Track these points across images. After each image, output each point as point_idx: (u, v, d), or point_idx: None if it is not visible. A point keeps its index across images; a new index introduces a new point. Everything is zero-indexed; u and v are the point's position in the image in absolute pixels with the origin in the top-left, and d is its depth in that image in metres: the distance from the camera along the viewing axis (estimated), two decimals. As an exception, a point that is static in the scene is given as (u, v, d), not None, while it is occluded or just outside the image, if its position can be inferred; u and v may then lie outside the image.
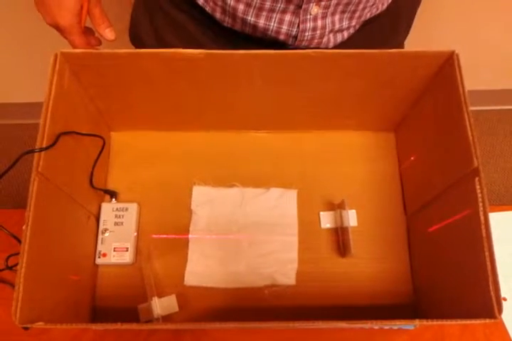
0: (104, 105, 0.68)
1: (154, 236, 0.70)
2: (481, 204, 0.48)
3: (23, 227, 0.48)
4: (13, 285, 0.46)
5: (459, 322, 0.46)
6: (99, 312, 0.66)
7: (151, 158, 0.75)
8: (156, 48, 0.71)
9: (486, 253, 0.47)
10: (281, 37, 0.63)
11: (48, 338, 0.66)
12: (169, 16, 0.71)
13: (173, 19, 0.71)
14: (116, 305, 0.66)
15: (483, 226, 0.48)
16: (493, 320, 0.45)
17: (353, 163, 0.75)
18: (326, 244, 0.70)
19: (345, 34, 0.67)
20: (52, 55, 0.54)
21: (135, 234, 0.68)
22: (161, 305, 0.63)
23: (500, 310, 0.45)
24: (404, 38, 0.80)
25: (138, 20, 0.78)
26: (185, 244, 0.69)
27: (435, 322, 0.47)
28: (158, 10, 0.72)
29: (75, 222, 0.63)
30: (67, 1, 0.58)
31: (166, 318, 0.63)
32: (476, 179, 0.49)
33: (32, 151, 0.50)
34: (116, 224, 0.68)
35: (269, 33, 0.63)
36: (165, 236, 0.70)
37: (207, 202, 0.72)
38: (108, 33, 0.62)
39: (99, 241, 0.67)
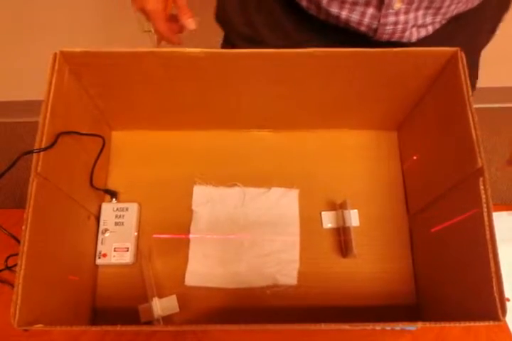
0: (105, 104, 0.67)
1: (155, 236, 0.69)
2: (485, 205, 0.48)
3: (22, 228, 0.48)
4: (13, 286, 0.46)
5: (462, 324, 0.46)
6: (99, 313, 0.65)
7: (151, 158, 0.74)
8: (242, 32, 0.74)
9: (490, 255, 0.47)
10: (363, 28, 0.63)
11: (48, 338, 0.65)
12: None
13: (261, 2, 0.71)
14: (117, 305, 0.65)
15: (487, 228, 0.47)
16: (496, 323, 0.45)
17: (355, 163, 0.74)
18: (327, 244, 0.70)
19: (430, 29, 0.65)
20: (52, 54, 0.53)
21: (135, 234, 0.68)
22: (162, 305, 0.63)
23: (504, 312, 0.45)
24: (486, 42, 0.79)
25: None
26: (185, 244, 0.69)
27: (438, 325, 0.46)
28: None
29: (75, 222, 0.62)
30: None
31: (167, 319, 0.63)
32: (480, 179, 0.49)
33: (31, 152, 0.50)
34: (116, 224, 0.68)
35: (351, 24, 0.63)
36: (165, 236, 0.69)
37: (208, 201, 0.71)
38: (190, 23, 0.64)
39: (100, 242, 0.67)
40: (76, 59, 0.55)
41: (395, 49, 0.54)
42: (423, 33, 0.65)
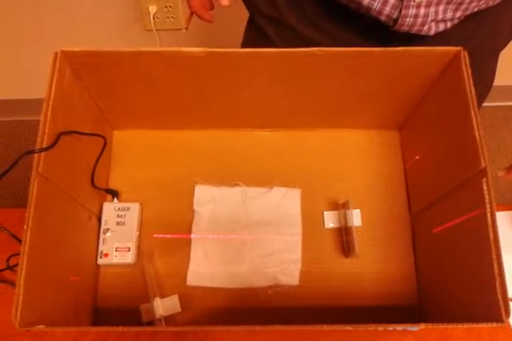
0: (106, 104, 0.67)
1: (156, 235, 0.69)
2: (488, 206, 0.47)
3: (24, 228, 0.48)
4: (14, 285, 0.46)
5: (465, 325, 0.46)
6: (100, 313, 0.65)
7: (153, 157, 0.74)
8: (266, 16, 0.74)
9: (494, 256, 0.46)
10: (383, 18, 0.62)
11: (50, 339, 0.65)
12: None
13: None
14: (118, 305, 0.65)
15: (490, 228, 0.47)
16: (500, 324, 0.45)
17: (357, 162, 0.74)
18: (329, 244, 0.69)
19: (449, 24, 0.65)
20: (52, 54, 0.53)
21: (137, 233, 0.68)
22: (163, 305, 0.63)
23: (507, 314, 0.44)
24: (505, 43, 0.78)
25: None
26: (187, 243, 0.69)
27: (440, 326, 0.46)
28: None
29: (76, 222, 0.62)
30: None
31: (168, 318, 0.63)
32: (484, 180, 0.48)
33: (32, 152, 0.50)
34: (118, 223, 0.67)
35: (372, 12, 0.62)
36: (167, 235, 0.69)
37: (209, 201, 0.71)
38: (225, 2, 0.66)
39: (101, 241, 0.66)
40: (77, 58, 0.55)
41: (397, 48, 0.53)
42: (442, 27, 0.64)
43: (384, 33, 0.66)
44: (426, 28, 0.63)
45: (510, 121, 1.66)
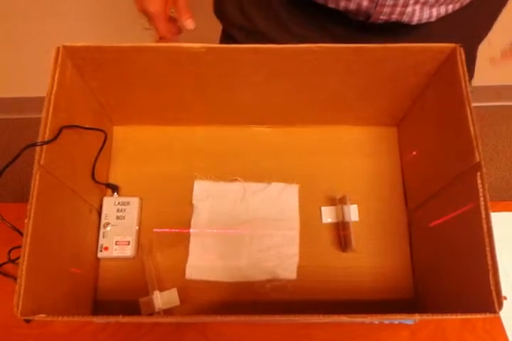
0: (106, 99, 0.68)
1: (156, 230, 0.70)
2: (482, 199, 0.48)
3: (25, 220, 0.48)
4: (15, 279, 0.46)
5: (459, 316, 0.46)
6: (100, 306, 0.66)
7: (153, 153, 0.75)
8: (237, 23, 0.74)
9: (487, 248, 0.47)
10: (365, 3, 0.61)
11: (50, 331, 0.66)
12: None
13: None
14: (118, 298, 0.66)
15: (484, 221, 0.48)
16: (493, 315, 0.45)
17: (354, 158, 0.75)
18: (327, 239, 0.70)
19: (434, 12, 0.64)
20: (54, 49, 0.54)
21: (137, 227, 0.69)
22: (163, 298, 0.64)
23: (500, 305, 0.45)
24: (482, 38, 0.78)
25: None
26: (186, 238, 0.69)
27: (435, 317, 0.47)
28: None
29: (77, 216, 0.63)
30: None
31: (167, 312, 0.64)
32: (478, 174, 0.49)
33: (34, 145, 0.50)
34: (118, 217, 0.68)
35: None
36: (166, 230, 0.70)
37: (208, 196, 0.72)
38: (189, 23, 0.65)
39: (101, 235, 0.67)
40: (78, 53, 0.56)
41: (394, 45, 0.54)
42: (425, 15, 0.63)
43: (361, 33, 0.66)
44: (409, 10, 0.61)
45: (508, 120, 1.67)
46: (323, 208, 0.71)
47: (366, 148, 0.76)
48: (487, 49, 0.82)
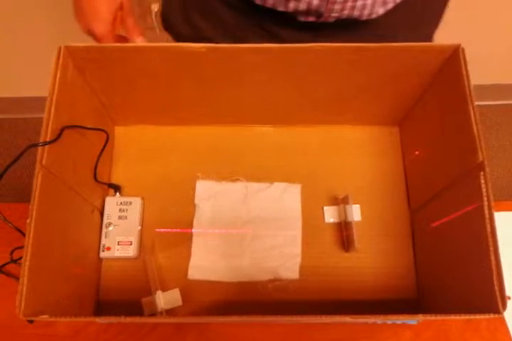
0: (108, 99, 0.68)
1: (158, 230, 0.70)
2: (485, 199, 0.48)
3: (27, 221, 0.48)
4: (18, 279, 0.46)
5: (463, 316, 0.46)
6: (103, 306, 0.66)
7: (154, 153, 0.75)
8: (186, 34, 0.74)
9: (491, 248, 0.47)
10: (315, 2, 0.61)
11: (52, 331, 0.66)
12: None
13: (202, 1, 0.71)
14: (120, 298, 0.66)
15: (487, 221, 0.48)
16: (496, 315, 0.45)
17: (357, 158, 0.75)
18: (329, 239, 0.70)
19: (381, 7, 0.63)
20: (56, 49, 0.54)
21: (139, 227, 0.69)
22: (165, 298, 0.63)
23: (504, 305, 0.45)
24: (431, 30, 0.78)
25: (169, 4, 0.78)
26: (188, 238, 0.69)
27: (438, 317, 0.47)
28: None
29: (79, 216, 0.63)
30: (101, 12, 0.63)
31: (170, 312, 0.64)
32: (481, 173, 0.49)
33: (36, 145, 0.50)
34: (120, 218, 0.68)
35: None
36: (169, 230, 0.70)
37: (210, 196, 0.72)
38: (141, 41, 0.66)
39: (103, 235, 0.67)
40: (80, 54, 0.56)
41: (396, 44, 0.54)
42: (376, 8, 0.63)
43: (308, 34, 0.66)
44: (359, 4, 0.61)
45: (510, 119, 1.66)
46: (325, 208, 0.71)
47: (368, 148, 0.75)
48: (491, 48, 0.82)
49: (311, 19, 0.64)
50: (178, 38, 0.78)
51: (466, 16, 1.29)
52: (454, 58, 0.56)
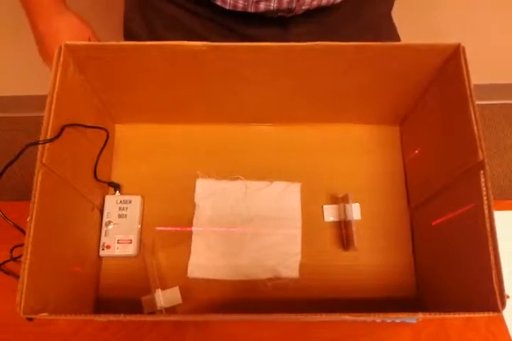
0: (108, 97, 0.68)
1: (158, 228, 0.70)
2: (485, 198, 0.48)
3: (28, 219, 0.48)
4: (18, 277, 0.46)
5: (462, 315, 0.46)
6: (102, 304, 0.66)
7: (155, 151, 0.75)
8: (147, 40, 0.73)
9: (490, 247, 0.47)
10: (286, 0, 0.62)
11: (52, 329, 0.66)
12: (159, 9, 0.73)
13: (163, 11, 0.72)
14: (120, 296, 0.66)
15: (487, 220, 0.48)
16: (496, 314, 0.45)
17: (357, 157, 0.75)
18: (329, 238, 0.70)
19: None
20: (57, 48, 0.54)
21: (139, 226, 0.69)
22: (165, 297, 0.63)
23: (503, 304, 0.45)
24: (389, 6, 0.81)
25: (130, 16, 0.79)
26: (188, 236, 0.69)
27: (438, 316, 0.47)
28: (148, 4, 0.74)
29: (79, 214, 0.63)
30: None
31: (170, 310, 0.64)
32: (481, 172, 0.49)
33: (36, 143, 0.50)
34: (120, 216, 0.68)
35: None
36: (168, 228, 0.70)
37: (210, 194, 0.72)
38: None
39: (103, 233, 0.67)
40: (80, 52, 0.56)
41: (396, 43, 0.54)
42: None
43: (280, 27, 0.67)
44: None
45: (510, 119, 1.66)
46: (325, 207, 0.71)
47: (369, 147, 0.75)
48: (488, 48, 0.82)
49: (281, 14, 0.65)
50: None
51: (466, 16, 1.29)
52: (454, 57, 0.56)
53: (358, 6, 0.72)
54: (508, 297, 0.46)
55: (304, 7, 0.63)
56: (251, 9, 0.64)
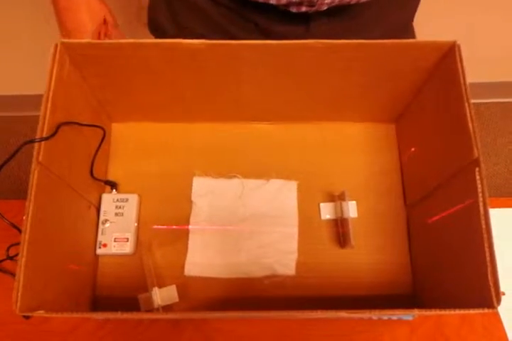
0: (105, 96, 0.68)
1: (155, 226, 0.70)
2: (480, 195, 0.48)
3: (24, 217, 0.48)
4: (14, 275, 0.46)
5: (457, 311, 0.46)
6: (99, 302, 0.66)
7: (151, 149, 0.75)
8: (174, 34, 0.73)
9: (485, 244, 0.47)
10: None
11: (49, 327, 0.66)
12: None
13: (188, 0, 0.71)
14: (117, 295, 0.66)
15: (482, 217, 0.48)
16: (491, 310, 0.46)
17: (353, 155, 0.75)
18: (326, 235, 0.70)
19: None
20: (53, 45, 0.54)
21: (135, 224, 0.69)
22: (162, 295, 0.64)
23: (498, 300, 0.45)
24: (414, 9, 0.80)
25: (155, 4, 0.78)
26: (185, 234, 0.70)
27: (433, 312, 0.47)
28: None
29: (76, 212, 0.63)
30: (84, 28, 0.65)
31: (166, 308, 0.64)
32: (476, 169, 0.49)
33: (32, 141, 0.50)
34: (116, 214, 0.68)
35: None
36: (165, 227, 0.70)
37: (207, 193, 0.72)
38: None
39: (100, 232, 0.67)
40: (77, 50, 0.56)
41: (392, 40, 0.54)
42: None
43: (302, 24, 0.67)
44: None
45: (507, 117, 1.67)
46: (322, 205, 0.71)
47: (365, 145, 0.76)
48: (486, 46, 0.83)
49: (304, 9, 0.64)
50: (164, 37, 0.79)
51: (462, 14, 1.29)
52: (449, 55, 0.56)
53: (382, 11, 0.72)
54: (503, 294, 0.46)
55: (326, 1, 0.62)
56: (272, 1, 0.63)
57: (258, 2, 0.64)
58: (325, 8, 0.64)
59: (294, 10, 0.64)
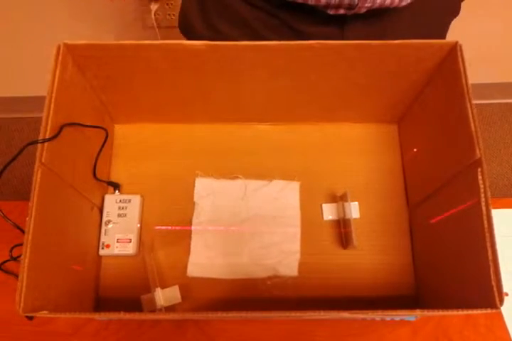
0: (108, 97, 0.68)
1: (157, 227, 0.70)
2: (482, 195, 0.48)
3: (27, 218, 0.48)
4: (17, 276, 0.47)
5: (460, 312, 0.46)
6: (102, 303, 0.66)
7: (154, 150, 0.75)
8: (206, 35, 0.72)
9: (488, 244, 0.47)
10: None
11: (52, 328, 0.66)
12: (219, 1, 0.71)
13: (222, 2, 0.70)
14: (120, 295, 0.66)
15: (485, 217, 0.48)
16: (494, 310, 0.45)
17: (355, 155, 0.75)
18: (328, 236, 0.70)
19: None
20: (55, 46, 0.54)
21: (138, 225, 0.69)
22: (164, 295, 0.64)
23: (501, 300, 0.45)
24: (454, 15, 0.78)
25: (187, 3, 0.77)
26: (188, 235, 0.70)
27: (436, 312, 0.47)
28: None
29: (79, 213, 0.63)
30: None
31: (169, 309, 0.64)
32: (479, 170, 0.49)
33: (35, 142, 0.50)
34: (119, 215, 0.68)
35: None
36: (168, 227, 0.70)
37: (210, 194, 0.72)
38: None
39: (103, 233, 0.67)
40: (79, 51, 0.56)
41: (395, 41, 0.54)
42: None
43: (338, 27, 0.66)
44: None
45: (509, 118, 1.67)
46: (324, 205, 0.72)
47: (367, 146, 0.76)
48: (488, 46, 0.83)
49: (342, 12, 0.63)
50: (195, 40, 0.78)
51: (463, 14, 1.29)
52: (452, 55, 0.56)
53: (421, 15, 0.70)
54: (506, 294, 0.46)
55: (367, 5, 0.61)
56: (311, 2, 0.61)
57: (296, 2, 0.63)
58: (364, 11, 0.62)
59: (331, 12, 0.63)
